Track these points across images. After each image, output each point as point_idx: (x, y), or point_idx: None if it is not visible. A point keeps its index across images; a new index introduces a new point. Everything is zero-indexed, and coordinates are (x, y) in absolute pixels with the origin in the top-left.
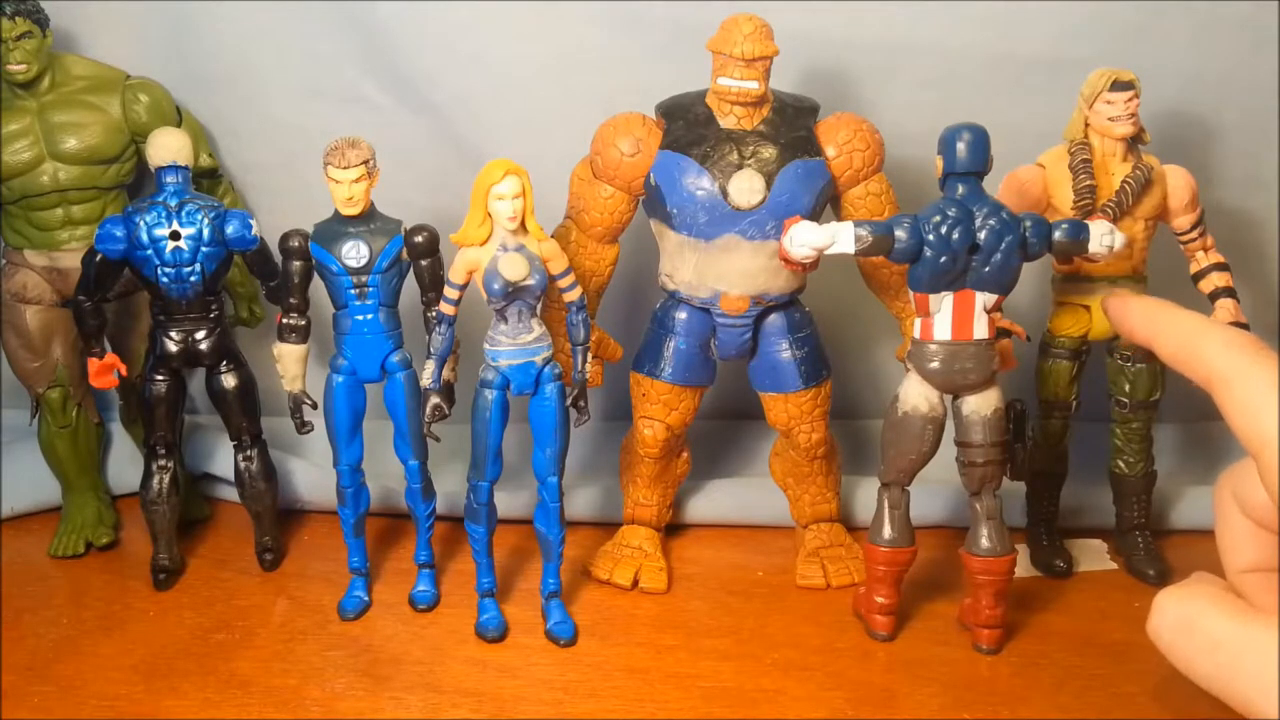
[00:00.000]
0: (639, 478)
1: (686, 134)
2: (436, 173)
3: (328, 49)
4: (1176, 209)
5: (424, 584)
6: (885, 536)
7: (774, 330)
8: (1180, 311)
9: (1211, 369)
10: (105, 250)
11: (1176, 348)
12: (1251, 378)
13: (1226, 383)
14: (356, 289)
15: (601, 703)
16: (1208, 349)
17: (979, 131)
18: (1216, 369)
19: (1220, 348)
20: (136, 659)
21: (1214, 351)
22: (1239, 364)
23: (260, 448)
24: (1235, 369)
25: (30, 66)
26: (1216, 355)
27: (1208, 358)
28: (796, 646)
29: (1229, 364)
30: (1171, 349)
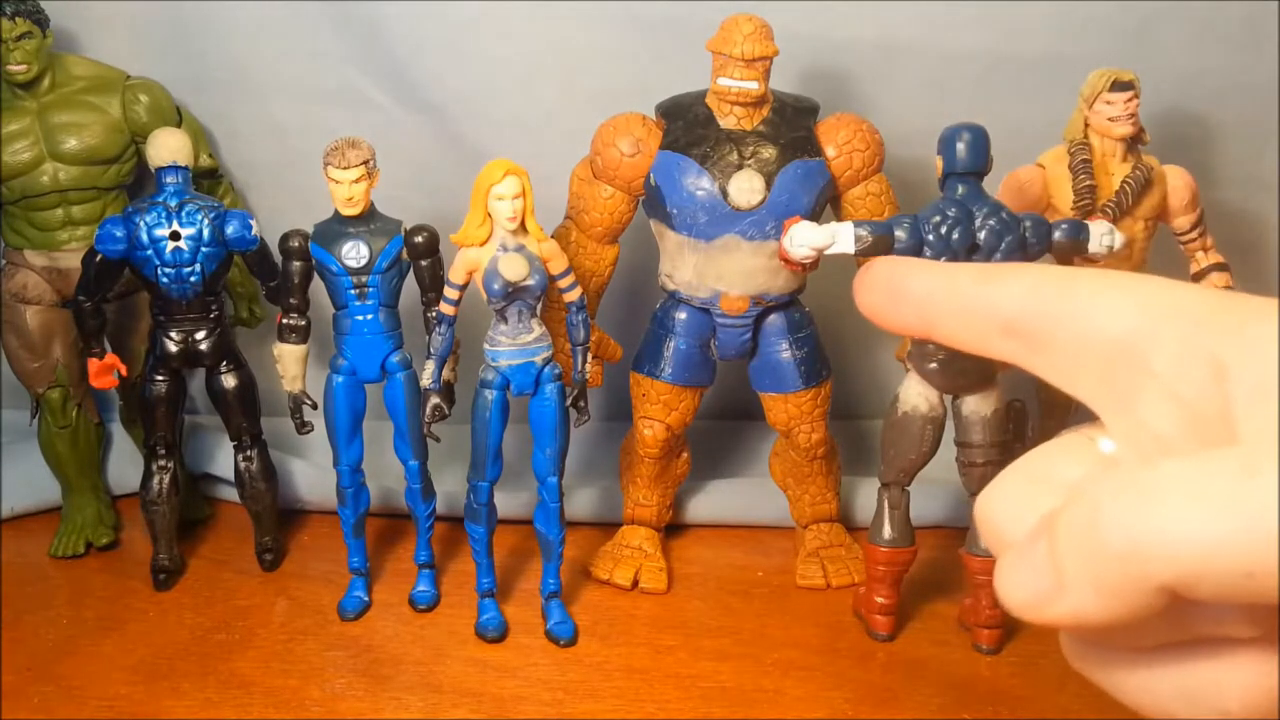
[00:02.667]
0: (639, 478)
1: (686, 134)
2: (436, 173)
3: (328, 49)
4: (1176, 209)
5: (424, 584)
6: (885, 536)
7: (774, 330)
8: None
9: (1013, 301)
10: (105, 250)
11: (952, 296)
12: (1086, 280)
13: (1049, 301)
14: (356, 289)
15: (601, 703)
16: (999, 280)
17: (979, 131)
18: (1019, 296)
19: (1014, 274)
20: (136, 659)
21: (1007, 279)
22: (1054, 275)
23: (260, 448)
24: (1054, 280)
25: (30, 67)
26: (1012, 281)
27: (1004, 290)
28: (796, 646)
29: (1042, 280)
30: (944, 300)
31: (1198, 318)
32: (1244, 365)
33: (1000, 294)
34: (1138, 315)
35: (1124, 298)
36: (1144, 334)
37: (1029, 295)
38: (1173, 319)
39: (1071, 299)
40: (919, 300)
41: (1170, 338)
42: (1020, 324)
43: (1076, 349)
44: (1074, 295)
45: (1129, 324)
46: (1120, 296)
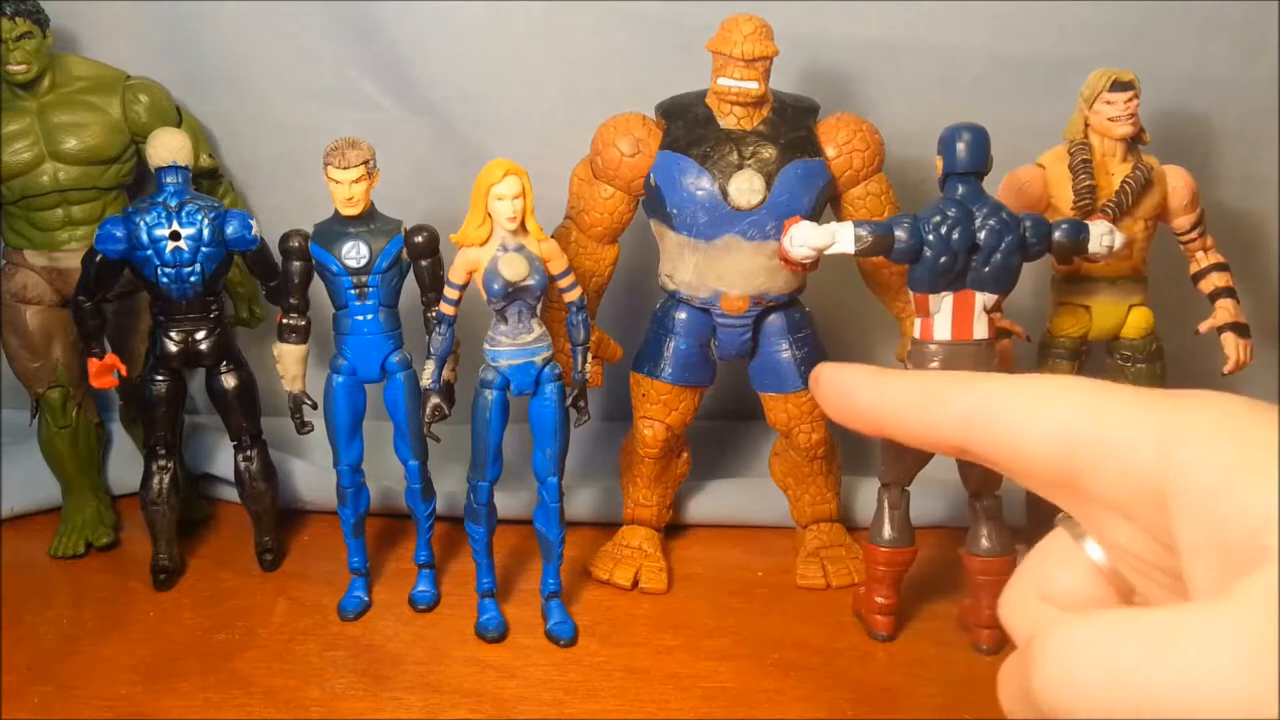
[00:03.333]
0: (639, 478)
1: (686, 134)
2: (436, 173)
3: (328, 49)
4: (1176, 209)
5: (424, 584)
6: (885, 536)
7: (774, 330)
8: (903, 371)
9: (965, 405)
10: (105, 250)
11: (909, 399)
12: (1027, 384)
13: (996, 402)
14: (356, 289)
15: (601, 703)
16: (949, 385)
17: (979, 131)
18: (970, 400)
19: (966, 379)
20: (136, 659)
21: (959, 385)
22: (995, 386)
23: (260, 448)
24: (999, 386)
25: (30, 67)
26: (964, 387)
27: (954, 393)
28: (796, 646)
29: (989, 386)
30: (903, 403)
31: (1133, 443)
32: (1181, 506)
33: (943, 415)
34: (1068, 444)
35: (1054, 424)
36: (1081, 463)
37: (969, 418)
38: (1105, 446)
39: (1009, 422)
40: (867, 412)
41: (1108, 468)
42: (969, 447)
43: (1024, 472)
44: (1011, 417)
45: (1063, 451)
46: (1051, 422)
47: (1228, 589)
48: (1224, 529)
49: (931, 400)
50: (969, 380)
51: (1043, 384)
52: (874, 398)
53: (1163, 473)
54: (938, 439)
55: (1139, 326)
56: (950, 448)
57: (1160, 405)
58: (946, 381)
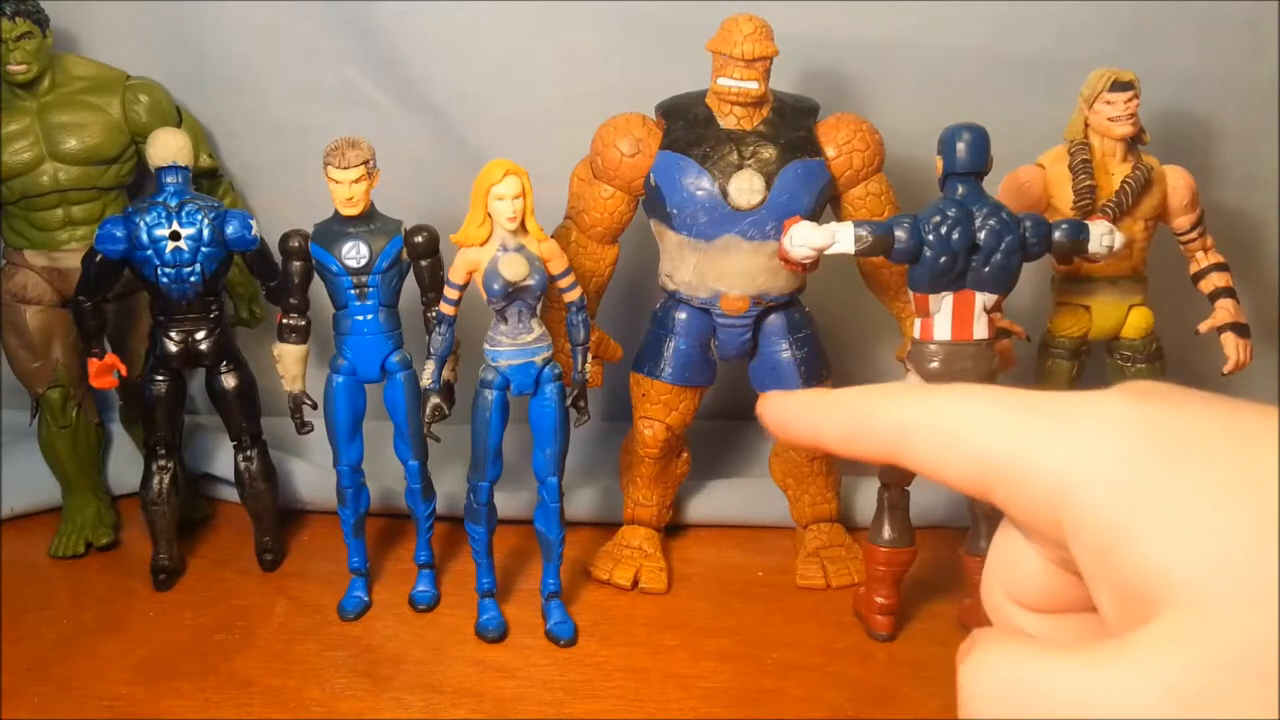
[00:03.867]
0: (639, 478)
1: (686, 134)
2: (436, 173)
3: (328, 49)
4: (1176, 209)
5: (424, 584)
6: (885, 536)
7: (774, 330)
8: (839, 391)
9: (890, 421)
10: (105, 250)
11: (840, 420)
12: (944, 400)
13: (918, 423)
14: (356, 289)
15: (601, 703)
16: (875, 406)
17: (979, 131)
18: (894, 417)
19: (892, 397)
20: (136, 659)
21: (885, 405)
22: (920, 400)
23: (260, 448)
24: (920, 406)
25: (30, 67)
26: (889, 407)
27: (879, 414)
28: (796, 646)
29: (912, 404)
30: (837, 427)
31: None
32: (1079, 546)
33: (871, 443)
34: (982, 471)
35: (969, 450)
36: (995, 488)
37: (892, 444)
38: (1014, 477)
39: (930, 445)
40: (808, 440)
41: (1019, 498)
42: (899, 464)
43: (953, 488)
44: (931, 441)
45: (979, 475)
46: (966, 448)
47: (1125, 635)
48: (1118, 575)
49: (859, 429)
50: (895, 401)
51: (960, 404)
52: (810, 430)
53: (1061, 512)
54: (871, 459)
55: (1139, 326)
56: (884, 463)
57: (1068, 431)
58: (873, 404)
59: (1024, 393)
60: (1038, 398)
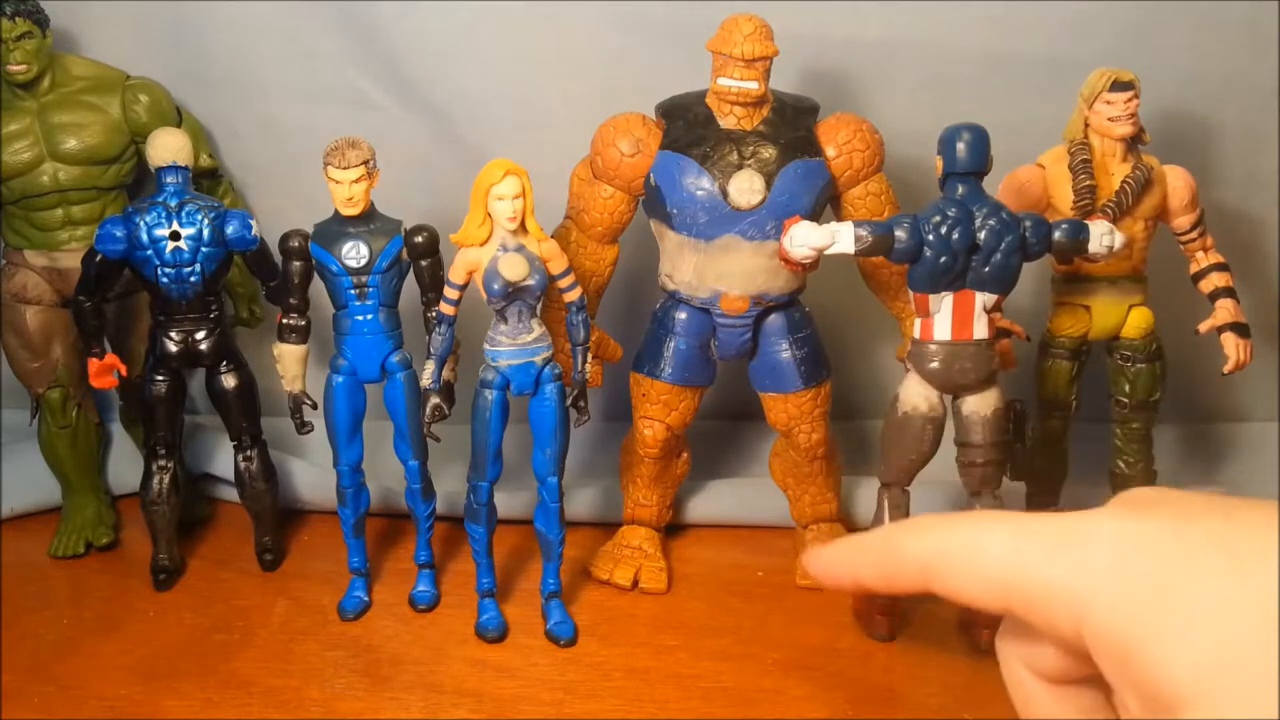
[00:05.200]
0: (639, 478)
1: (686, 134)
2: (436, 173)
3: (328, 49)
4: (1176, 209)
5: (424, 584)
6: None
7: (774, 330)
8: (869, 535)
9: (917, 556)
10: (105, 250)
11: (874, 562)
12: (963, 532)
13: (942, 555)
14: (356, 289)
15: (601, 703)
16: (902, 544)
17: (979, 131)
18: (920, 551)
19: (916, 534)
20: (136, 659)
21: (910, 541)
22: (942, 533)
23: (260, 448)
24: (942, 539)
25: (30, 67)
26: (914, 543)
27: (907, 551)
28: (796, 646)
29: (934, 538)
30: (872, 570)
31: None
32: (1101, 659)
33: (904, 579)
34: (1003, 596)
35: (988, 580)
36: (1015, 610)
37: (923, 574)
38: (1031, 602)
39: (955, 575)
40: (850, 584)
41: (1036, 620)
42: (932, 591)
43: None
44: (955, 572)
45: (1000, 599)
46: (985, 577)
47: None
48: (1139, 680)
49: (892, 568)
50: (919, 536)
51: (978, 534)
52: (850, 576)
53: (1081, 625)
54: (909, 592)
55: (1139, 326)
56: (919, 592)
57: (1078, 552)
58: (900, 542)
59: (1035, 518)
60: (1047, 521)
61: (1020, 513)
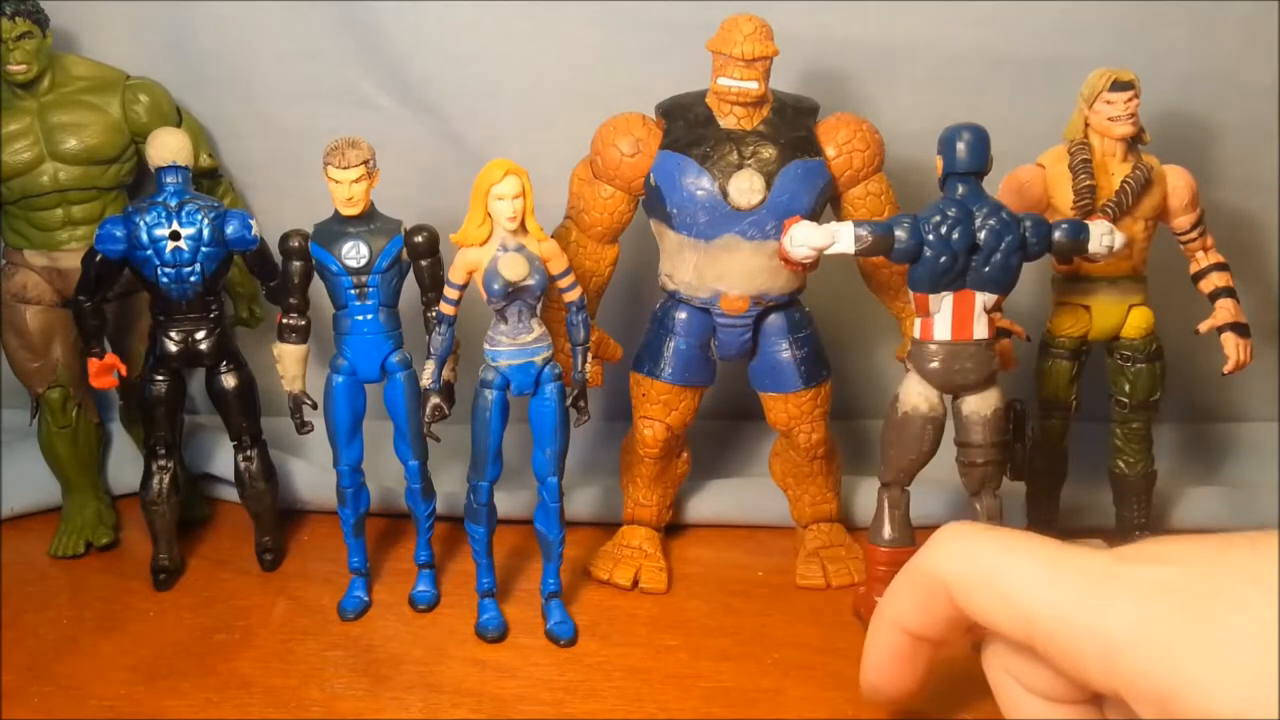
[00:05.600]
0: (639, 478)
1: (686, 134)
2: (436, 173)
3: (328, 49)
4: (1176, 209)
5: (424, 584)
6: (885, 536)
7: (774, 330)
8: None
9: (945, 571)
10: (105, 250)
11: (909, 597)
12: (991, 554)
13: (966, 575)
14: (356, 289)
15: (601, 703)
16: (925, 565)
17: (979, 131)
18: (943, 575)
19: (936, 547)
20: (136, 659)
21: (931, 562)
22: (967, 551)
23: (260, 448)
24: (966, 558)
25: (30, 67)
26: (935, 557)
27: (932, 566)
28: (796, 646)
29: (959, 558)
30: (908, 607)
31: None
32: (1137, 696)
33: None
34: (1028, 637)
35: (1017, 618)
36: (1039, 638)
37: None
38: (1059, 651)
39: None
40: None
41: (1065, 665)
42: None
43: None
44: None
45: (1024, 628)
46: (1014, 614)
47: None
48: (1176, 711)
49: (922, 596)
50: (939, 556)
51: (1004, 562)
52: (894, 633)
53: (1115, 670)
54: (948, 619)
55: (1139, 326)
56: (961, 623)
57: (1110, 598)
58: (924, 557)
59: (1064, 555)
60: (1076, 561)
61: (1049, 543)
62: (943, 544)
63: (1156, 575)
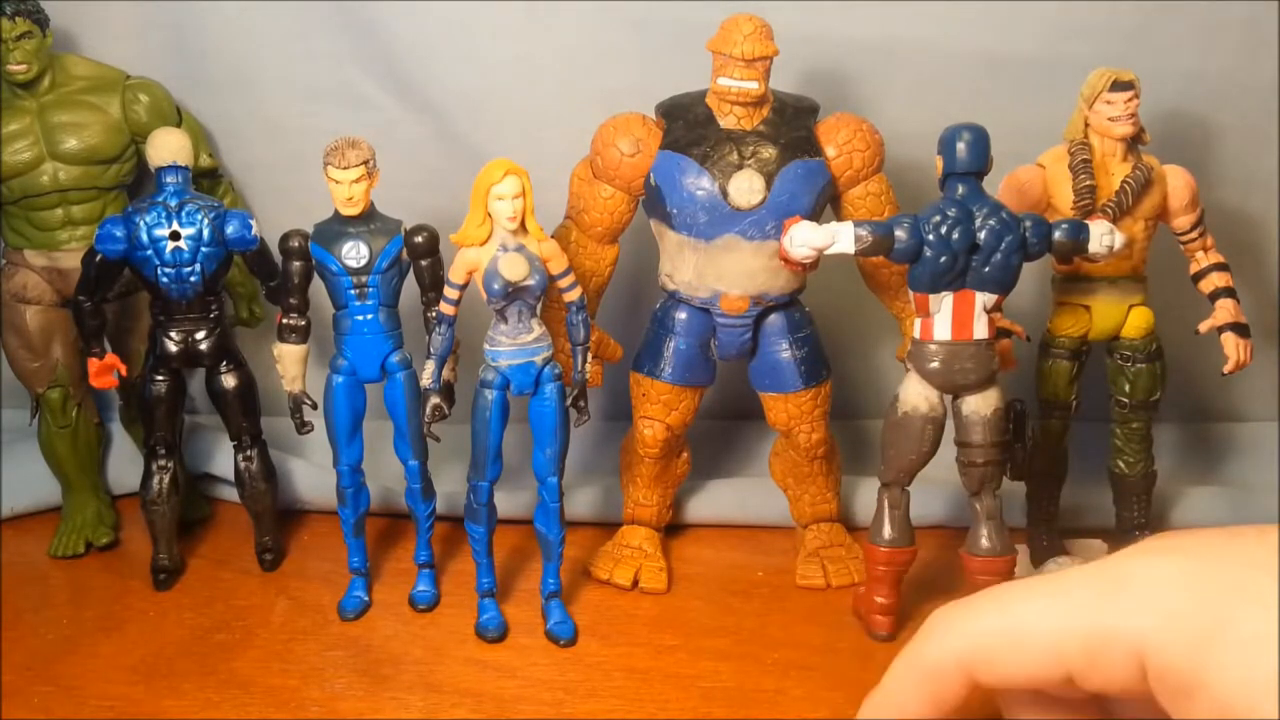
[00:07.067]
0: (639, 478)
1: (686, 134)
2: (436, 173)
3: (328, 49)
4: (1176, 209)
5: (424, 584)
6: (885, 536)
7: (774, 330)
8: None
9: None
10: (105, 250)
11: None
12: (993, 619)
13: (979, 650)
14: (356, 289)
15: (601, 703)
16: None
17: (979, 131)
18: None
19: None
20: (136, 659)
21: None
22: (968, 627)
23: (260, 448)
24: (970, 634)
25: (30, 66)
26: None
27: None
28: (796, 646)
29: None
30: (913, 700)
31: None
32: (1164, 690)
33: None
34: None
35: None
36: (1071, 661)
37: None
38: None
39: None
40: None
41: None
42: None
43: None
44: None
45: (1056, 673)
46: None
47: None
48: (1202, 712)
49: (930, 685)
50: (942, 637)
51: (1011, 620)
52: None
53: (1141, 670)
54: (960, 704)
55: (1139, 326)
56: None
57: (1127, 600)
58: (924, 653)
59: (1063, 578)
60: (1079, 577)
61: (1038, 578)
62: (936, 631)
63: (1171, 567)
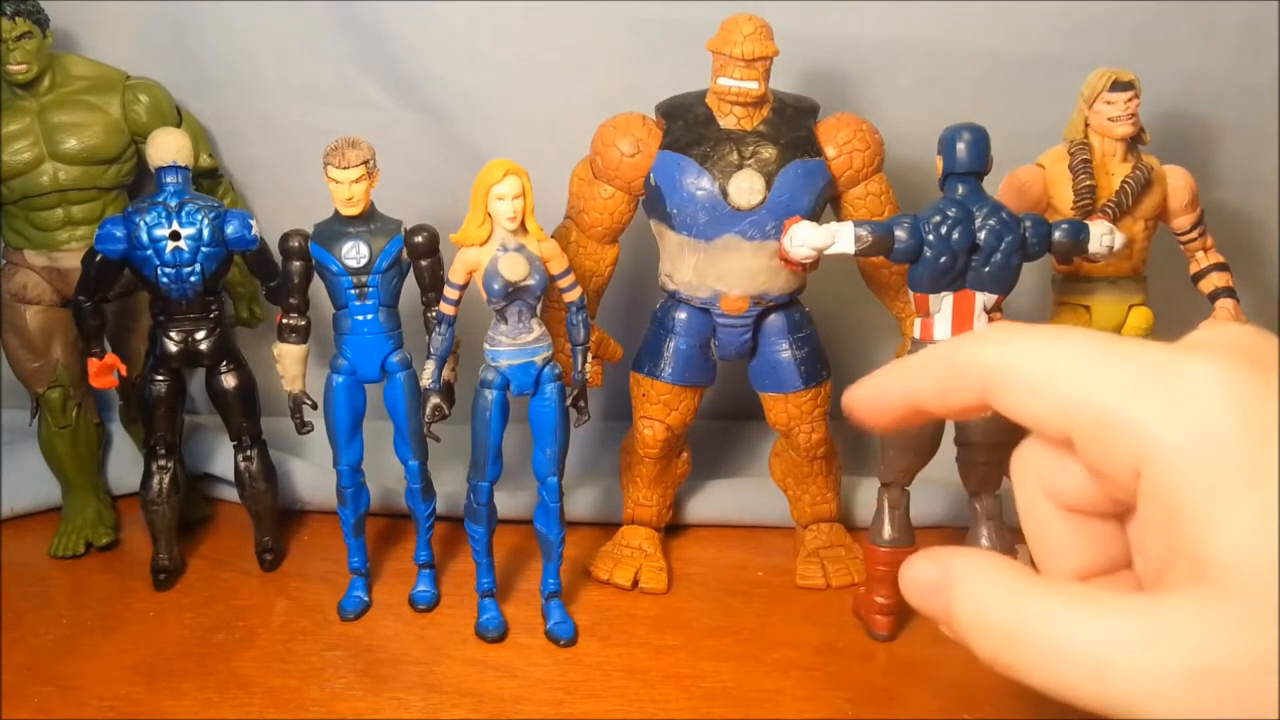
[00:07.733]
0: (639, 478)
1: (686, 134)
2: (436, 173)
3: (328, 49)
4: (1176, 209)
5: (424, 584)
6: (885, 536)
7: (774, 330)
8: (930, 349)
9: (981, 364)
10: (105, 250)
11: (935, 376)
12: (1037, 347)
13: (1009, 368)
14: (356, 289)
15: (601, 703)
16: (969, 351)
17: (979, 131)
18: (986, 360)
19: (986, 343)
20: (136, 659)
21: (975, 348)
22: (1012, 344)
23: (260, 448)
24: (1011, 351)
25: (30, 67)
26: (979, 349)
27: (973, 358)
28: (796, 646)
29: (1003, 349)
30: (930, 381)
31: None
32: (1148, 500)
33: (962, 397)
34: (1067, 422)
35: (1056, 403)
36: (1074, 438)
37: (985, 389)
38: (1095, 435)
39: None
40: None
41: (1094, 452)
42: (990, 406)
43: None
44: (1020, 390)
45: (1062, 426)
46: (1053, 400)
47: (1159, 594)
48: (1181, 540)
49: (953, 378)
50: (989, 346)
51: (1054, 350)
52: (903, 392)
53: (1139, 465)
54: (962, 411)
55: (1139, 326)
56: (973, 414)
57: (1159, 390)
58: (967, 349)
59: (1118, 341)
60: (1131, 348)
61: (1101, 334)
62: (985, 336)
63: (1219, 378)
